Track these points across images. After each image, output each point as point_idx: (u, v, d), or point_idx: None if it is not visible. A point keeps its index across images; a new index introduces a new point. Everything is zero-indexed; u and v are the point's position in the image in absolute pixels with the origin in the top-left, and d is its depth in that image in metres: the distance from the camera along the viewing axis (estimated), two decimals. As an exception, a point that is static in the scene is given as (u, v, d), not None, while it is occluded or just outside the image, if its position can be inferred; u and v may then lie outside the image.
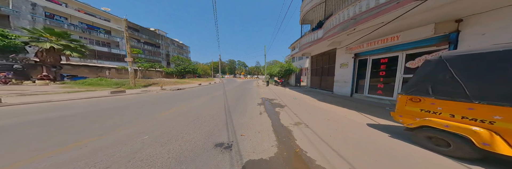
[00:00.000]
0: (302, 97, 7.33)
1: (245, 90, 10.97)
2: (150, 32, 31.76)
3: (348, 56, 6.67)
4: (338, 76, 7.55)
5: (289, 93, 8.92)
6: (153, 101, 5.96)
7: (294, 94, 8.64)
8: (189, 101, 6.17)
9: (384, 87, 5.45)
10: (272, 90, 10.82)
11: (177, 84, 14.40)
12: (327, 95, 7.77)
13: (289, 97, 7.44)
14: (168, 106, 4.98)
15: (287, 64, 16.78)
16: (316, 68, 10.66)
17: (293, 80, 15.60)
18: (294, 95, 7.98)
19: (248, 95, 8.20)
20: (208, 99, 6.77)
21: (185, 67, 32.20)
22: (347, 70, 6.86)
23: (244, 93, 9.07)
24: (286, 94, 8.73)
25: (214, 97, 7.42)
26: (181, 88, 11.36)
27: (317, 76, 10.42)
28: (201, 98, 7.05)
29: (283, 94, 8.72)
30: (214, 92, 9.40)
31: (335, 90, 7.87)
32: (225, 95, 8.03)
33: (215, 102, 5.95)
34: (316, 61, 10.81)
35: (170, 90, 10.04)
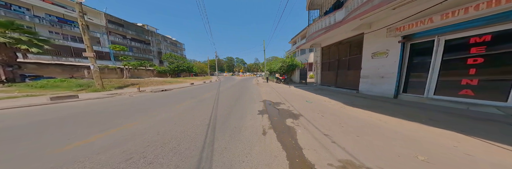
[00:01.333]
0: (317, 98, 5.60)
1: (243, 90, 9.23)
2: (137, 27, 29.35)
3: (389, 41, 4.72)
4: (369, 70, 5.65)
5: (298, 93, 7.19)
6: (101, 112, 4.14)
7: (304, 94, 6.91)
8: (164, 108, 4.41)
9: (480, 84, 3.24)
10: (275, 89, 9.07)
11: (165, 84, 12.54)
12: (351, 95, 6.02)
13: (299, 98, 5.72)
14: (117, 122, 3.21)
15: (289, 59, 14.99)
16: (329, 62, 8.83)
17: (297, 76, 13.84)
18: (305, 96, 6.25)
19: (247, 97, 6.46)
20: (192, 104, 5.02)
21: (179, 65, 30.22)
22: (386, 61, 4.92)
23: (241, 94, 7.32)
24: (293, 93, 7.00)
25: (201, 101, 5.66)
26: (167, 88, 9.55)
27: (331, 72, 8.63)
28: (184, 102, 5.30)
29: (289, 94, 6.99)
30: (204, 94, 7.63)
31: (362, 88, 6.11)
32: (217, 98, 6.27)
33: (199, 110, 4.22)
34: (328, 53, 8.98)
35: (151, 91, 8.22)
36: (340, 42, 7.48)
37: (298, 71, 13.67)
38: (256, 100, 5.75)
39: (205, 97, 6.51)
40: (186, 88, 10.66)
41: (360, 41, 6.08)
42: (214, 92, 8.25)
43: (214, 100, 5.75)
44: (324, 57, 9.46)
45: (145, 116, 3.60)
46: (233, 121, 3.18)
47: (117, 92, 7.33)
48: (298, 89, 8.60)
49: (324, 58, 9.46)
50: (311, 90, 8.16)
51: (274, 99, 5.94)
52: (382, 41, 4.96)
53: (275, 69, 16.41)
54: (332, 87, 8.18)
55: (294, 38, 29.54)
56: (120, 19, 23.96)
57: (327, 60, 9.04)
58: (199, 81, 17.97)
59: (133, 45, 27.85)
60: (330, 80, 8.67)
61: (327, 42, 8.60)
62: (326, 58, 9.24)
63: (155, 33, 35.62)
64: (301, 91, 7.72)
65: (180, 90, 9.72)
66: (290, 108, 4.36)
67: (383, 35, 4.83)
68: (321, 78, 9.78)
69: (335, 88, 7.80)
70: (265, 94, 7.21)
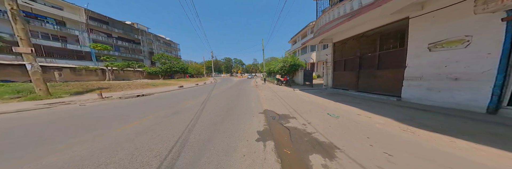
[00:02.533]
0: (342, 109, 4.05)
1: (240, 94, 7.64)
2: (125, 26, 27.56)
3: (475, 21, 3.00)
4: (422, 69, 3.94)
5: (308, 99, 5.65)
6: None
7: (317, 100, 5.37)
8: (103, 130, 2.82)
9: None
10: (277, 93, 7.52)
11: (147, 87, 10.78)
12: (392, 104, 4.25)
13: (314, 108, 4.18)
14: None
15: (291, 58, 13.53)
16: (344, 60, 7.26)
17: (300, 78, 12.35)
18: (321, 104, 4.71)
19: (242, 105, 4.90)
20: (159, 119, 3.45)
21: (172, 66, 28.42)
22: (463, 54, 3.24)
23: (236, 101, 5.74)
24: (302, 100, 5.45)
25: (177, 113, 4.07)
26: (147, 93, 7.84)
27: (348, 72, 7.07)
28: (151, 116, 3.72)
29: (297, 100, 5.44)
30: (189, 100, 6.01)
31: (408, 95, 4.38)
32: (202, 107, 4.65)
33: (163, 131, 2.71)
34: (342, 49, 7.49)
35: (120, 98, 6.51)
36: (363, 34, 5.99)
37: (302, 72, 12.19)
38: (254, 111, 4.17)
39: (186, 106, 4.88)
40: (171, 92, 8.98)
41: (400, 30, 4.58)
42: (202, 98, 6.62)
43: (197, 111, 4.13)
44: (337, 55, 7.96)
45: (41, 151, 1.95)
46: (210, 162, 1.59)
47: (66, 100, 5.59)
48: (306, 93, 7.05)
49: (337, 56, 7.95)
50: (324, 94, 6.62)
51: (278, 108, 4.38)
52: (452, 24, 3.33)
53: (275, 69, 14.91)
54: (352, 91, 6.60)
55: (294, 38, 28.33)
56: (104, 16, 22.18)
57: (342, 58, 7.53)
58: (191, 84, 16.28)
59: (120, 44, 25.97)
60: (347, 83, 7.10)
61: (341, 36, 7.14)
62: (340, 56, 7.74)
63: (146, 32, 33.84)
64: (311, 96, 6.16)
65: (163, 94, 8.04)
66: (307, 127, 2.79)
67: (454, 15, 3.26)
68: (334, 80, 8.23)
69: (357, 93, 6.20)
70: (266, 101, 5.64)
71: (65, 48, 17.11)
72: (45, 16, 16.05)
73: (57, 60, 16.52)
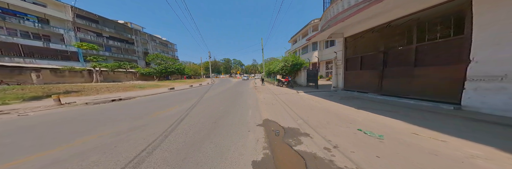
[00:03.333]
0: (382, 123, 2.93)
1: (236, 97, 6.53)
2: (117, 25, 26.48)
3: None
4: (506, 64, 2.72)
5: (318, 105, 4.54)
6: None
7: (331, 107, 4.28)
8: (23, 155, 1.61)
9: None
10: (278, 96, 6.42)
11: (132, 90, 9.62)
12: (454, 115, 2.94)
13: (332, 119, 3.11)
14: None
15: (293, 57, 12.49)
16: (361, 57, 6.18)
17: (303, 78, 11.28)
18: (341, 113, 3.61)
19: (237, 113, 3.83)
20: (115, 138, 2.35)
21: (167, 67, 27.28)
22: None
23: (230, 106, 4.64)
24: (312, 106, 4.35)
25: (147, 124, 2.99)
26: (126, 97, 6.69)
27: (367, 71, 5.95)
28: (107, 131, 2.58)
29: (305, 106, 4.35)
30: (173, 106, 4.92)
31: (481, 103, 3.04)
32: (185, 116, 3.56)
33: (102, 163, 1.44)
34: (356, 45, 6.38)
35: (87, 103, 5.34)
36: (388, 24, 4.84)
37: (305, 71, 11.14)
38: (250, 122, 3.08)
39: (163, 115, 3.77)
40: (158, 95, 7.84)
41: (453, 12, 3.44)
42: (191, 102, 5.51)
43: (172, 124, 3.01)
44: (349, 51, 6.85)
45: None
46: None
47: (6, 109, 4.39)
48: (314, 97, 5.93)
49: (349, 53, 6.85)
50: (337, 98, 5.41)
51: (282, 118, 3.28)
52: None
53: (276, 70, 13.85)
54: (373, 94, 5.40)
55: (295, 37, 27.43)
56: (94, 14, 21.09)
57: (356, 55, 6.43)
58: (185, 85, 15.13)
59: (112, 44, 24.82)
60: (365, 84, 5.92)
61: (355, 29, 6.05)
62: (353, 53, 6.64)
63: (141, 32, 32.78)
64: (322, 101, 5.03)
65: (146, 98, 6.90)
66: (334, 155, 1.71)
67: None
68: (346, 81, 7.09)
69: (381, 97, 5.06)
70: (266, 106, 4.53)
71: (48, 47, 15.93)
72: (26, 13, 14.92)
73: (38, 60, 15.29)
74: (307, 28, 20.80)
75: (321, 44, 19.29)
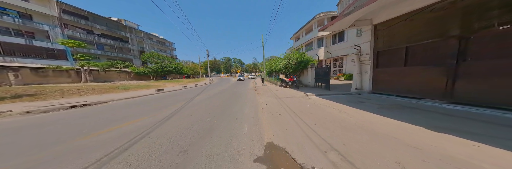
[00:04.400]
0: None
1: (231, 102, 5.30)
2: (109, 22, 25.33)
3: None
4: None
5: (353, 119, 3.28)
6: None
7: (377, 123, 3.02)
8: None
9: None
10: (284, 100, 5.17)
11: (112, 92, 8.45)
12: None
13: (402, 155, 1.87)
14: None
15: (298, 54, 11.21)
16: (407, 48, 4.56)
17: (310, 78, 10.01)
18: (407, 138, 2.36)
19: (226, 130, 2.63)
20: None
21: (164, 66, 26.16)
22: None
23: (220, 116, 3.47)
24: (342, 121, 3.12)
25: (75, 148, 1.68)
26: (93, 102, 5.49)
27: (417, 68, 4.35)
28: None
29: (329, 120, 3.13)
30: (144, 116, 3.69)
31: None
32: (141, 138, 2.32)
33: None
34: (394, 33, 4.78)
35: (28, 112, 4.16)
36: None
37: (312, 70, 9.85)
38: (244, 151, 1.87)
39: (114, 134, 2.60)
40: (137, 99, 6.65)
41: None
42: (170, 110, 4.32)
43: (100, 160, 1.78)
44: (381, 42, 5.33)
45: None
46: None
47: None
48: (333, 103, 4.60)
49: (382, 44, 5.31)
50: (375, 108, 3.73)
51: (297, 142, 2.09)
52: None
53: (278, 68, 12.58)
54: (431, 102, 3.93)
55: (297, 33, 26.01)
56: (83, 10, 19.90)
57: (396, 46, 4.83)
58: (178, 86, 13.98)
59: (104, 42, 23.71)
60: (415, 86, 4.39)
61: (395, 11, 4.58)
62: (388, 44, 5.08)
63: (136, 30, 31.63)
64: (351, 111, 3.68)
65: (120, 103, 5.72)
66: None
67: None
68: (376, 81, 5.61)
69: (453, 106, 3.46)
70: (268, 118, 3.30)
71: (31, 45, 14.84)
72: (4, 7, 13.79)
73: (20, 59, 14.21)
74: (312, 23, 19.38)
75: (327, 40, 17.90)
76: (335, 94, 5.89)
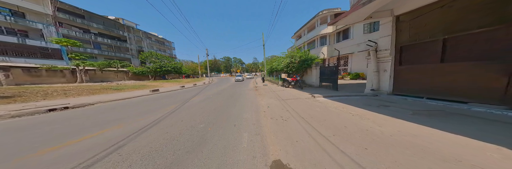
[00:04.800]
0: None
1: (230, 104, 4.78)
2: (106, 20, 24.88)
3: None
4: None
5: (384, 129, 2.68)
6: None
7: (422, 136, 2.42)
8: None
9: None
10: (287, 102, 4.65)
11: (102, 92, 7.97)
12: None
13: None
14: None
15: (301, 53, 10.68)
16: (444, 41, 3.79)
17: (314, 77, 9.46)
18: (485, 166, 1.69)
19: (218, 146, 2.03)
20: None
21: (162, 66, 25.70)
22: None
23: (215, 124, 2.96)
24: (370, 132, 2.57)
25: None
26: (77, 104, 5.01)
27: (459, 65, 3.56)
28: None
29: (351, 130, 2.58)
30: (124, 122, 3.21)
31: None
32: (104, 156, 1.76)
33: None
34: (424, 24, 4.21)
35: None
36: None
37: (317, 69, 9.29)
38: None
39: (65, 151, 2.04)
40: (127, 101, 6.15)
41: None
42: (159, 114, 3.79)
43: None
44: (406, 36, 4.59)
45: None
46: None
47: None
48: (348, 106, 4.03)
49: (406, 38, 4.59)
50: (407, 114, 2.99)
51: (316, 163, 1.48)
52: None
53: (280, 67, 12.05)
54: (484, 107, 3.16)
55: (299, 32, 25.42)
56: (78, 9, 19.44)
57: (427, 39, 4.10)
58: (176, 86, 13.49)
59: (101, 41, 23.27)
60: (457, 87, 3.65)
61: None
62: (414, 37, 4.39)
63: (135, 29, 31.18)
64: (375, 117, 3.03)
65: (106, 105, 5.22)
66: None
67: None
68: (398, 81, 4.89)
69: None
70: (272, 124, 2.79)
71: (23, 44, 14.40)
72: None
73: (12, 58, 13.77)
74: (314, 20, 18.78)
75: (331, 38, 17.30)
76: (346, 95, 5.27)
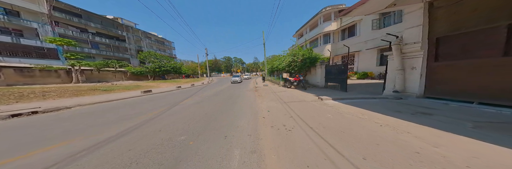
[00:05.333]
0: None
1: (224, 108, 4.18)
2: (105, 20, 24.60)
3: None
4: None
5: (444, 152, 2.00)
6: None
7: None
8: None
9: None
10: (290, 105, 4.01)
11: (88, 94, 7.45)
12: None
13: None
14: None
15: (305, 50, 10.01)
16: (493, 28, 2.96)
17: (319, 77, 8.78)
18: None
19: (205, 164, 1.32)
20: None
21: (161, 66, 25.32)
22: None
23: (201, 135, 2.31)
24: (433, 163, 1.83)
25: None
26: (51, 108, 4.47)
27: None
28: None
29: (413, 160, 1.84)
30: (89, 131, 2.64)
31: None
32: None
33: None
34: (489, 3, 3.13)
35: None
36: None
37: (322, 68, 8.60)
38: None
39: None
40: (111, 103, 5.58)
41: None
42: (139, 120, 3.20)
43: None
44: (451, 23, 3.70)
45: None
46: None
47: None
48: (376, 114, 3.13)
49: (451, 26, 3.71)
50: (484, 128, 2.06)
51: None
52: None
53: (281, 66, 11.40)
54: None
55: (301, 30, 24.70)
56: (75, 8, 19.12)
57: (489, 25, 3.15)
58: (172, 86, 12.96)
59: (99, 41, 22.96)
60: None
61: None
62: (462, 24, 3.50)
63: (134, 29, 30.89)
64: (445, 137, 1.96)
65: (87, 108, 4.65)
66: None
67: None
68: (432, 81, 4.08)
69: None
70: (274, 136, 2.14)
71: (17, 43, 14.07)
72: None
73: (6, 58, 13.43)
74: (317, 18, 18.06)
75: (335, 35, 16.55)
76: (361, 98, 4.50)
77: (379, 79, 11.03)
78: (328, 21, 16.63)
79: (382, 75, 10.92)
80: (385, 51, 11.80)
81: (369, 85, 8.14)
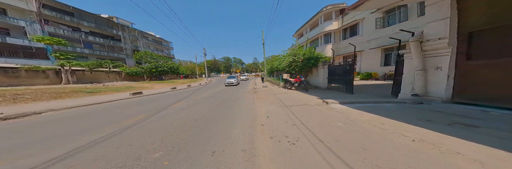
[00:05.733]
0: None
1: (218, 114, 3.67)
2: (98, 19, 24.00)
3: None
4: None
5: None
6: None
7: None
8: None
9: None
10: (292, 109, 3.55)
11: (70, 97, 6.96)
12: None
13: None
14: None
15: (306, 50, 9.59)
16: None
17: (321, 78, 8.32)
18: None
19: None
20: None
21: (158, 66, 24.71)
22: None
23: (181, 152, 1.73)
24: None
25: None
26: (16, 114, 4.00)
27: None
28: None
29: None
30: (33, 148, 2.12)
31: None
32: None
33: None
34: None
35: None
36: None
37: (324, 68, 8.15)
38: None
39: None
40: (93, 107, 5.06)
41: None
42: (111, 130, 2.70)
43: None
44: (487, 15, 3.12)
45: None
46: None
47: None
48: (402, 124, 2.66)
49: (487, 19, 3.12)
50: None
51: None
52: None
53: (281, 67, 10.95)
54: None
55: (301, 30, 24.37)
56: (67, 6, 18.53)
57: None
58: (166, 88, 12.41)
59: (92, 40, 22.33)
60: None
61: None
62: (507, 15, 2.86)
63: (130, 28, 30.31)
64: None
65: (59, 114, 4.13)
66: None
67: None
68: (465, 84, 3.46)
69: None
70: (272, 151, 1.64)
71: (3, 42, 13.44)
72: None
73: None
74: (317, 17, 17.71)
75: (336, 35, 16.20)
76: (372, 102, 3.97)
77: (383, 80, 10.62)
78: (329, 20, 16.28)
79: (387, 76, 10.51)
80: (390, 50, 11.34)
81: (375, 86, 7.70)
